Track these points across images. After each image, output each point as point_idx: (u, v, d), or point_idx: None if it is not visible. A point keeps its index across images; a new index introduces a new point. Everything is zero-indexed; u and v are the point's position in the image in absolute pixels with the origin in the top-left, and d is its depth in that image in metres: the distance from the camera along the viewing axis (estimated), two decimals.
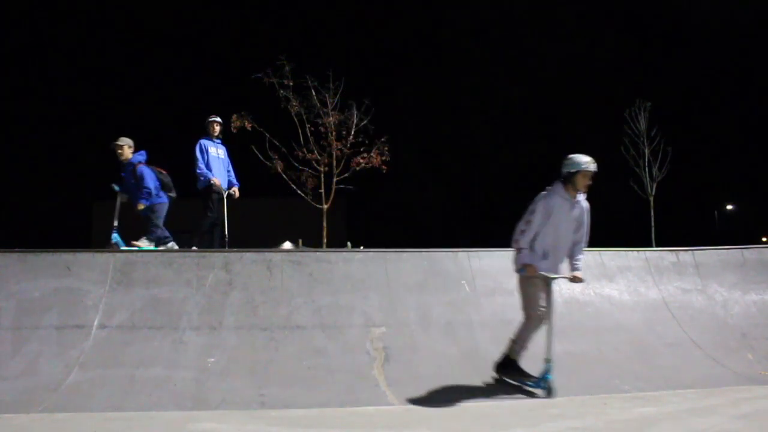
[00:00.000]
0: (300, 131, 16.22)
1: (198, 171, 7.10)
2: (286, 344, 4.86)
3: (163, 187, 6.92)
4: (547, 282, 4.48)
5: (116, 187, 6.95)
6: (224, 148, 7.52)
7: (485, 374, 4.74)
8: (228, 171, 7.45)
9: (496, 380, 4.65)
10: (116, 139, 6.99)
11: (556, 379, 4.40)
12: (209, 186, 7.09)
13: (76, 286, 5.01)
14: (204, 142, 7.27)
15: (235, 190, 7.51)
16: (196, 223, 7.23)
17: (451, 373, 4.73)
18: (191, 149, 7.36)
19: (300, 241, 21.98)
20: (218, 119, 7.50)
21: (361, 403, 4.20)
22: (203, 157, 7.14)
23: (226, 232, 7.31)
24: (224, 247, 7.20)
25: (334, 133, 16.08)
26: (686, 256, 6.38)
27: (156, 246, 6.50)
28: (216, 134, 7.39)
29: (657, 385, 4.64)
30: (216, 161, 7.25)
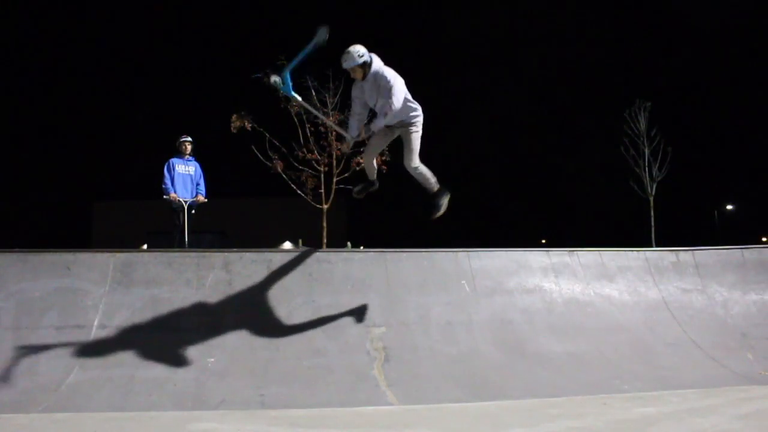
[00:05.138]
0: (300, 131, 16.21)
1: (162, 186, 8.19)
2: (286, 344, 4.86)
3: None
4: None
5: None
6: (196, 164, 8.46)
7: (485, 374, 4.74)
8: (197, 184, 8.39)
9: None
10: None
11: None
12: (168, 200, 8.21)
13: (76, 286, 5.00)
14: (173, 160, 8.30)
15: (199, 197, 8.33)
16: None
17: (451, 373, 4.73)
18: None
19: (300, 241, 21.96)
20: (189, 139, 8.42)
21: (361, 403, 4.20)
22: (169, 174, 8.22)
23: (186, 239, 8.09)
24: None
25: (334, 133, 16.07)
26: (686, 256, 6.38)
27: None
28: (187, 153, 8.36)
29: (657, 385, 4.64)
30: (182, 177, 8.26)
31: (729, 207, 38.53)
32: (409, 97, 5.10)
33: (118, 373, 4.39)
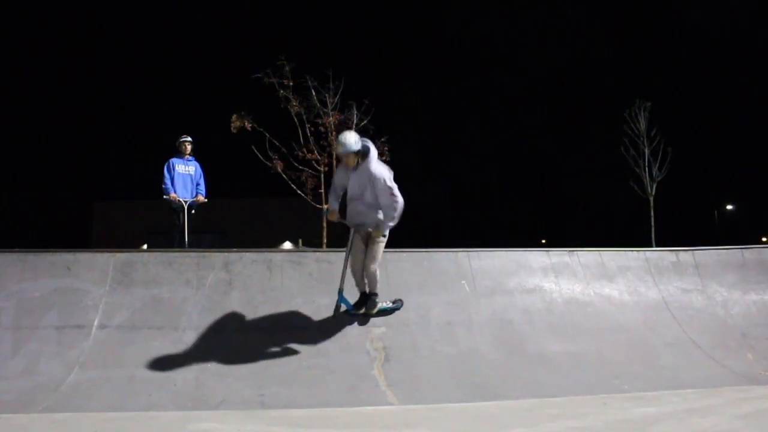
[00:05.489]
0: (300, 131, 16.19)
1: (163, 186, 8.14)
2: (286, 344, 4.86)
3: None
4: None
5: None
6: (196, 164, 8.40)
7: (485, 374, 4.74)
8: (197, 184, 8.34)
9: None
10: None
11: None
12: (168, 200, 8.15)
13: (76, 286, 5.01)
14: (173, 160, 8.25)
15: (199, 197, 8.28)
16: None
17: (451, 373, 4.73)
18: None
19: (300, 241, 21.97)
20: (189, 139, 8.37)
21: (361, 403, 4.20)
22: (169, 174, 8.17)
23: (186, 238, 8.05)
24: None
25: (334, 133, 16.04)
26: (686, 256, 6.38)
27: None
28: (187, 153, 8.31)
29: (657, 385, 4.64)
30: (182, 177, 8.21)
31: (729, 207, 38.51)
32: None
33: (118, 373, 4.39)
